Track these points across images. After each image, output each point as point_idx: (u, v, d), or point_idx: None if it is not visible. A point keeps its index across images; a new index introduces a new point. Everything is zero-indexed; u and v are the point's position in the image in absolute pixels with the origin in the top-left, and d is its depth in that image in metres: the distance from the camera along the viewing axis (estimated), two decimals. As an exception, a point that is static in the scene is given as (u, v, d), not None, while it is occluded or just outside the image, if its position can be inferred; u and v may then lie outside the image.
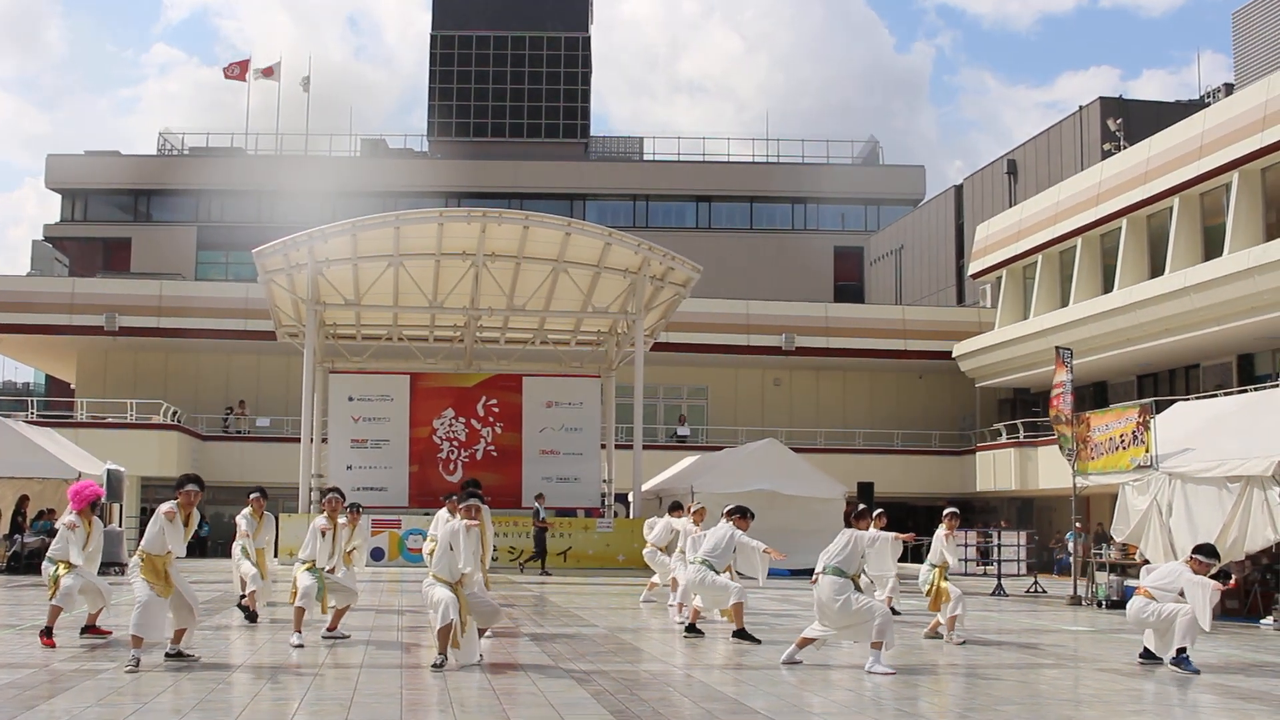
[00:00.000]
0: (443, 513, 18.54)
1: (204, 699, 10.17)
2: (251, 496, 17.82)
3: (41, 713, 9.39)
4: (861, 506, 13.91)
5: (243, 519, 17.62)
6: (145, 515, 40.07)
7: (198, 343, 46.82)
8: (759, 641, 15.05)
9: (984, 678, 12.73)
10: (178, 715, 9.41)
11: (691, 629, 16.13)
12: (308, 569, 14.74)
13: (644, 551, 21.95)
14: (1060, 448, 26.51)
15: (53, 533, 28.76)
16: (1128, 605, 14.40)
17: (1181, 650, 13.48)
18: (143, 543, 12.54)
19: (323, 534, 14.82)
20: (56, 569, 14.33)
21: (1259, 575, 21.15)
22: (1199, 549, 14.49)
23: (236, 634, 15.38)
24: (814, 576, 13.40)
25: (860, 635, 13.07)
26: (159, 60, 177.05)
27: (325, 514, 15.16)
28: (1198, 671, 13.29)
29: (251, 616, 16.70)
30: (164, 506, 12.49)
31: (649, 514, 35.80)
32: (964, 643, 15.76)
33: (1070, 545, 29.20)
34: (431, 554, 17.44)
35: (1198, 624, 13.64)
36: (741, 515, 16.20)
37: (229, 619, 17.09)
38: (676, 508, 22.22)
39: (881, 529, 16.69)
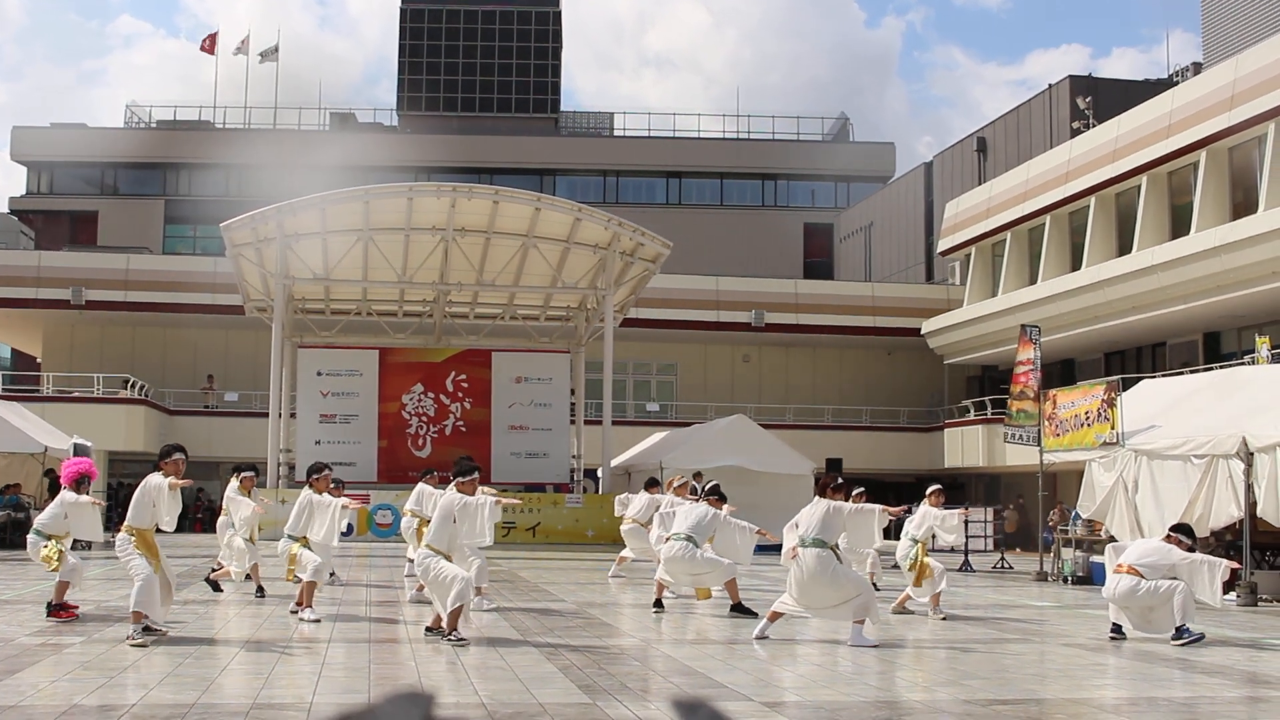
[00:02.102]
0: (424, 486, 18.64)
1: (172, 672, 10.14)
2: (244, 475, 17.48)
3: (7, 687, 9.34)
4: (840, 480, 13.71)
5: (241, 499, 17.15)
6: (113, 490, 39.92)
7: (165, 317, 46.55)
8: (756, 615, 14.93)
9: (952, 652, 12.81)
10: (144, 689, 9.38)
11: (658, 605, 16.10)
12: (304, 544, 14.63)
13: (623, 527, 21.94)
14: (1006, 423, 26.77)
15: (19, 507, 28.87)
16: (1110, 581, 14.35)
17: (1181, 627, 13.61)
18: (130, 518, 12.30)
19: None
20: (55, 543, 14.09)
21: (1223, 552, 21.31)
22: (1178, 528, 14.62)
23: (204, 609, 15.32)
24: (791, 550, 13.22)
25: (840, 615, 13.01)
26: (124, 32, 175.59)
27: (314, 490, 15.00)
28: (1202, 636, 13.49)
29: (259, 591, 16.63)
30: (162, 479, 12.21)
31: (619, 490, 35.90)
32: (945, 618, 15.81)
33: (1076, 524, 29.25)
34: (420, 529, 17.50)
35: (1193, 600, 13.79)
36: (721, 498, 16.23)
37: (197, 594, 17.01)
38: (653, 484, 22.19)
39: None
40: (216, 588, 17.13)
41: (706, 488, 16.67)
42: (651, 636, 13.59)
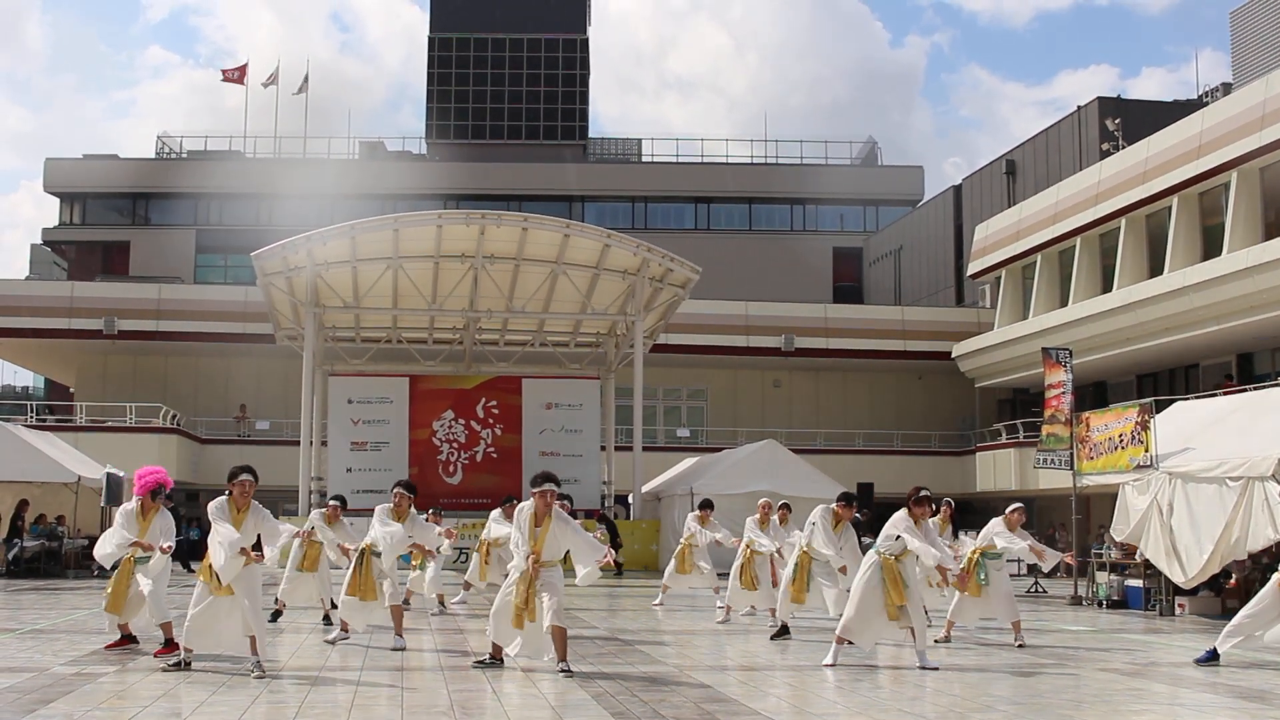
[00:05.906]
0: (498, 512, 19.22)
1: (205, 701, 10.14)
2: (330, 503, 17.05)
3: (41, 717, 9.36)
4: (923, 492, 13.58)
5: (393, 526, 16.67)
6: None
7: (197, 346, 46.84)
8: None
9: (985, 678, 12.72)
10: (177, 718, 9.38)
11: (784, 630, 15.94)
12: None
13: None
14: (1038, 449, 26.74)
15: (52, 536, 28.99)
16: None
17: None
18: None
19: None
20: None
21: (1260, 574, 21.12)
22: None
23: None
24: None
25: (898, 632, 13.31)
26: (152, 62, 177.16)
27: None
28: None
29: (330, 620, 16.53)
30: (222, 532, 11.99)
31: (650, 515, 35.85)
32: (1022, 646, 15.63)
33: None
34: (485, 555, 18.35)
35: None
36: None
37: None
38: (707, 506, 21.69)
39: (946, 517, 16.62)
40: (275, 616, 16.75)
41: (780, 505, 18.57)
42: (685, 663, 13.52)
